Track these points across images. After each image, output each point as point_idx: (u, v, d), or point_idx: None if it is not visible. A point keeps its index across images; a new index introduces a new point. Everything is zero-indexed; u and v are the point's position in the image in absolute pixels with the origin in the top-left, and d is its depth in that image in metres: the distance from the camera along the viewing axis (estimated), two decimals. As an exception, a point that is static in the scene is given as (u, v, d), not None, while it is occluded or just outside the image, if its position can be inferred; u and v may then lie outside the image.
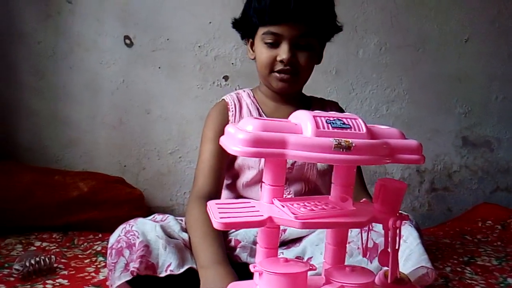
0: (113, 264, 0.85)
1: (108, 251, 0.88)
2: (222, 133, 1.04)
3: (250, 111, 1.06)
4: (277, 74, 1.00)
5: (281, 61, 0.98)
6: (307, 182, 1.05)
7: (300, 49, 0.98)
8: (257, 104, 1.08)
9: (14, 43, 1.64)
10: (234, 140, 0.57)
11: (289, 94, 1.05)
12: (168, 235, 0.89)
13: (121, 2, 1.67)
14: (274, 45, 0.98)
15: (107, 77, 1.69)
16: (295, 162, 1.03)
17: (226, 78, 1.74)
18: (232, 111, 1.06)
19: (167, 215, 0.98)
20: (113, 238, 0.88)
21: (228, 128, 0.62)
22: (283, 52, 0.97)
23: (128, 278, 0.82)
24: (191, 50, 1.71)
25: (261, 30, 0.99)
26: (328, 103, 1.14)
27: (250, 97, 1.09)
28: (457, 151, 1.91)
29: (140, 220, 0.90)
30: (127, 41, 1.69)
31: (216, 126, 1.05)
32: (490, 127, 1.92)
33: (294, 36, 0.97)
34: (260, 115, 1.05)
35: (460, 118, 1.90)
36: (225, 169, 1.05)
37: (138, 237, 0.85)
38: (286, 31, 0.96)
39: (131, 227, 0.88)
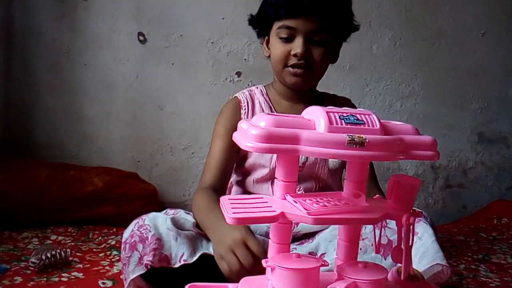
0: (127, 258, 0.86)
1: (122, 246, 0.89)
2: (233, 130, 1.03)
3: (262, 110, 1.06)
4: (291, 69, 0.99)
5: (295, 55, 0.97)
6: (318, 180, 1.05)
7: (314, 44, 0.98)
8: (269, 103, 1.08)
9: (30, 40, 1.67)
10: (247, 136, 0.57)
11: (303, 91, 1.05)
12: (179, 227, 0.90)
13: (134, -1, 1.68)
14: (289, 39, 0.98)
15: (121, 74, 1.70)
16: (306, 160, 1.03)
17: (239, 74, 1.74)
18: (245, 109, 1.06)
19: (178, 210, 0.99)
20: (126, 232, 0.90)
21: (241, 124, 0.62)
22: (297, 46, 0.96)
23: (142, 272, 0.83)
24: (204, 46, 1.72)
25: (276, 25, 0.99)
26: (341, 99, 1.14)
27: (263, 95, 1.09)
28: (473, 147, 1.89)
29: (152, 214, 0.92)
30: (141, 38, 1.70)
31: (227, 123, 1.05)
32: (506, 123, 1.89)
33: (309, 30, 0.96)
34: None
35: (476, 114, 1.87)
36: (233, 166, 1.06)
37: (150, 231, 0.86)
38: (300, 25, 0.96)
39: (144, 221, 0.89)
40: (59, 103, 1.69)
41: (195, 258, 0.86)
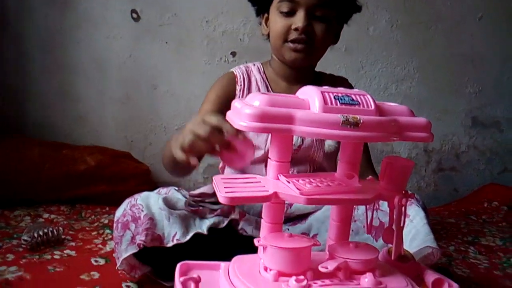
0: (119, 237, 0.86)
1: (114, 225, 0.89)
2: (225, 98, 0.99)
3: (259, 88, 1.04)
4: (291, 44, 0.96)
5: (296, 29, 0.94)
6: (312, 163, 1.04)
7: (316, 19, 0.95)
8: (266, 82, 1.05)
9: (21, 17, 1.63)
10: (241, 115, 0.56)
11: (301, 70, 1.02)
12: (172, 207, 0.90)
13: (128, -25, 1.65)
14: (290, 14, 0.95)
15: (115, 52, 1.68)
16: (302, 143, 1.02)
17: (233, 54, 1.72)
18: (240, 85, 1.03)
19: (170, 188, 0.98)
20: (119, 212, 0.90)
21: (235, 103, 0.61)
22: (298, 20, 0.93)
23: (135, 251, 0.84)
24: (198, 25, 1.69)
25: None
26: (338, 79, 1.12)
27: (260, 73, 1.06)
28: (466, 131, 1.90)
29: (145, 193, 0.91)
30: (134, 16, 1.67)
31: (219, 91, 1.02)
32: (500, 108, 1.90)
33: (311, 4, 0.93)
34: None
35: (471, 98, 1.88)
36: None
37: (142, 211, 0.86)
38: None
39: (136, 200, 0.89)
40: (52, 82, 1.67)
41: (188, 238, 0.86)
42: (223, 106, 0.95)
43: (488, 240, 1.34)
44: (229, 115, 0.62)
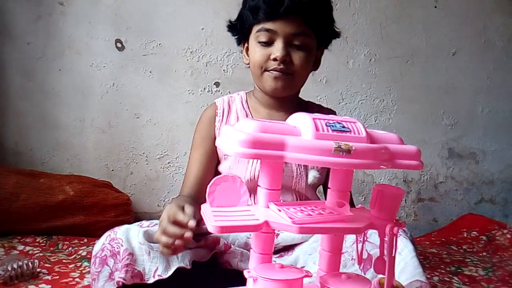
0: (96, 273, 0.82)
1: (92, 260, 0.84)
2: (208, 139, 1.03)
3: (238, 117, 1.04)
4: (270, 73, 0.96)
5: (275, 59, 0.94)
6: (297, 193, 1.03)
7: (294, 48, 0.96)
8: (247, 110, 1.05)
9: (3, 44, 1.61)
10: (232, 141, 0.56)
11: (284, 99, 1.02)
12: (153, 241, 0.85)
13: (113, 5, 1.66)
14: (268, 43, 0.95)
15: (97, 80, 1.67)
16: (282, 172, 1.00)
17: (217, 84, 1.74)
18: (220, 116, 1.04)
19: (153, 221, 0.94)
20: (97, 246, 0.85)
21: (225, 129, 0.61)
22: (276, 49, 0.94)
23: None
24: (182, 56, 1.71)
25: (255, 29, 0.97)
26: (326, 111, 1.11)
27: (242, 102, 1.07)
28: (443, 162, 1.94)
29: (125, 226, 0.87)
30: (119, 45, 1.67)
31: (202, 131, 1.06)
32: (475, 139, 1.95)
33: (289, 33, 0.94)
34: None
35: (447, 130, 1.93)
36: (212, 173, 1.03)
37: (122, 245, 0.82)
38: (280, 27, 0.94)
39: (116, 234, 0.85)
40: (31, 108, 1.64)
41: (170, 273, 0.82)
42: (210, 145, 1.04)
43: (470, 270, 1.34)
44: (219, 141, 0.62)
